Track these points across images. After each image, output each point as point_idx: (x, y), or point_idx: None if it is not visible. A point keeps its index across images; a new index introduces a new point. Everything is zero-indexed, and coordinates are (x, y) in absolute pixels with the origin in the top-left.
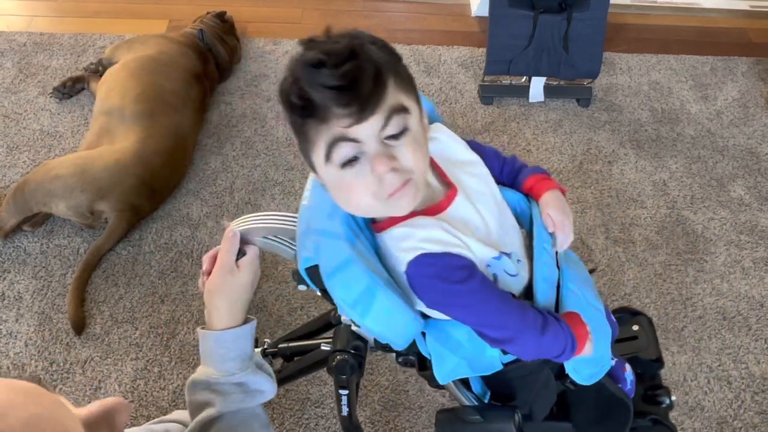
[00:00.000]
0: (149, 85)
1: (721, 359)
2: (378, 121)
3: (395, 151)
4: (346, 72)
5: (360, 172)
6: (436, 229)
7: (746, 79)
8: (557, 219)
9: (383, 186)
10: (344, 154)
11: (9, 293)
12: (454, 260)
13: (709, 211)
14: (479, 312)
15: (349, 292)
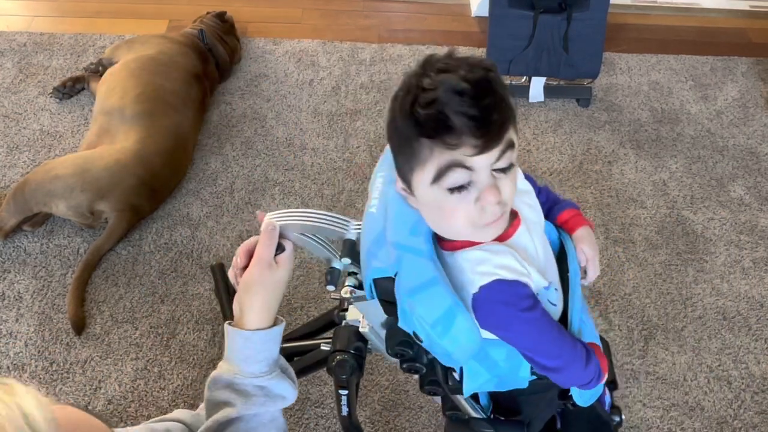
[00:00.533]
0: (149, 85)
1: (721, 359)
2: (495, 153)
3: (500, 183)
4: (487, 105)
5: (464, 199)
6: (509, 257)
7: (746, 79)
8: (590, 255)
9: (484, 215)
10: (457, 179)
11: (9, 293)
12: (522, 289)
13: (709, 211)
14: (537, 339)
15: (432, 311)
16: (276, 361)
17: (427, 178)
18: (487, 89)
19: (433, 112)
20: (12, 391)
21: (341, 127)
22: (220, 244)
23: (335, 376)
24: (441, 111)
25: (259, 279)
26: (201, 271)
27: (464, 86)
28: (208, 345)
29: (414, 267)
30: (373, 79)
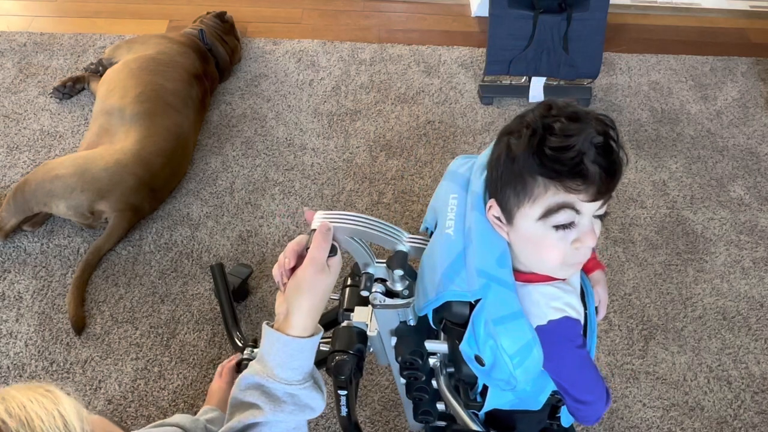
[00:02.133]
0: (149, 85)
1: (721, 359)
2: (601, 202)
3: (596, 227)
4: (614, 160)
5: (565, 237)
6: (575, 298)
7: (746, 79)
8: (603, 297)
9: (576, 255)
10: (565, 219)
11: (9, 293)
12: (579, 327)
13: (709, 211)
14: (580, 374)
15: (515, 342)
16: (311, 371)
17: (535, 214)
18: (612, 146)
19: (571, 156)
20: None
21: (341, 127)
22: (220, 244)
23: (334, 376)
24: (579, 159)
25: (311, 281)
26: (201, 271)
27: (600, 140)
28: (208, 345)
29: (501, 298)
30: (373, 79)
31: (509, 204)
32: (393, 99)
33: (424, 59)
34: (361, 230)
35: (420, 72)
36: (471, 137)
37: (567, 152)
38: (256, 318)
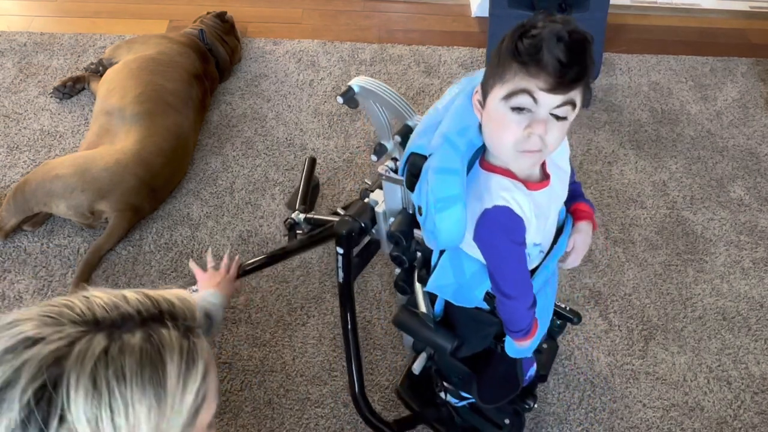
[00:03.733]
0: (149, 85)
1: (721, 359)
2: (559, 100)
3: (550, 125)
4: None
5: (519, 121)
6: (525, 201)
7: (746, 80)
8: (578, 245)
9: (526, 142)
10: (522, 102)
11: (9, 293)
12: (521, 226)
13: (708, 212)
14: (509, 266)
15: (443, 190)
16: None
17: (501, 94)
18: (580, 50)
19: (533, 43)
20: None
21: (341, 127)
22: (220, 244)
23: (337, 233)
24: (539, 45)
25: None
26: None
27: (565, 36)
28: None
29: (447, 156)
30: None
31: (487, 86)
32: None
33: (424, 59)
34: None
35: (420, 72)
36: None
37: (531, 40)
38: (256, 318)
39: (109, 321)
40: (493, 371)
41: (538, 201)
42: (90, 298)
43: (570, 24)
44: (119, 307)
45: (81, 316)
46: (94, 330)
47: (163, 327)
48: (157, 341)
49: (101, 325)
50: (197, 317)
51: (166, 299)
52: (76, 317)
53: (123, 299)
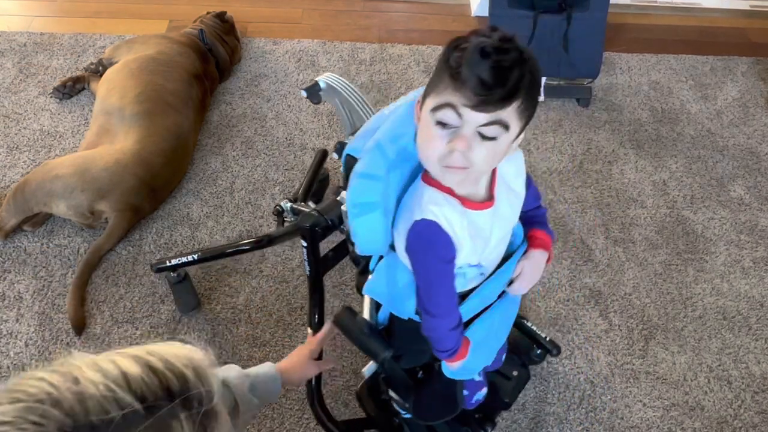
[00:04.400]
0: (149, 85)
1: (721, 359)
2: (484, 119)
3: (475, 144)
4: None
5: (442, 136)
6: (458, 220)
7: (746, 79)
8: (525, 272)
9: (449, 158)
10: (446, 117)
11: (9, 293)
12: (450, 249)
13: (709, 211)
14: (433, 285)
15: (362, 194)
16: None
17: (431, 105)
18: (506, 70)
19: (458, 57)
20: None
21: (341, 127)
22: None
23: (301, 226)
24: (461, 61)
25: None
26: (201, 271)
27: (491, 52)
28: (208, 345)
29: (373, 161)
30: (373, 79)
31: (425, 94)
32: (393, 99)
33: (424, 59)
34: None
35: (420, 72)
36: None
37: (459, 53)
38: (256, 318)
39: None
40: (432, 387)
41: (476, 221)
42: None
43: (505, 41)
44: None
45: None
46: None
47: (174, 418)
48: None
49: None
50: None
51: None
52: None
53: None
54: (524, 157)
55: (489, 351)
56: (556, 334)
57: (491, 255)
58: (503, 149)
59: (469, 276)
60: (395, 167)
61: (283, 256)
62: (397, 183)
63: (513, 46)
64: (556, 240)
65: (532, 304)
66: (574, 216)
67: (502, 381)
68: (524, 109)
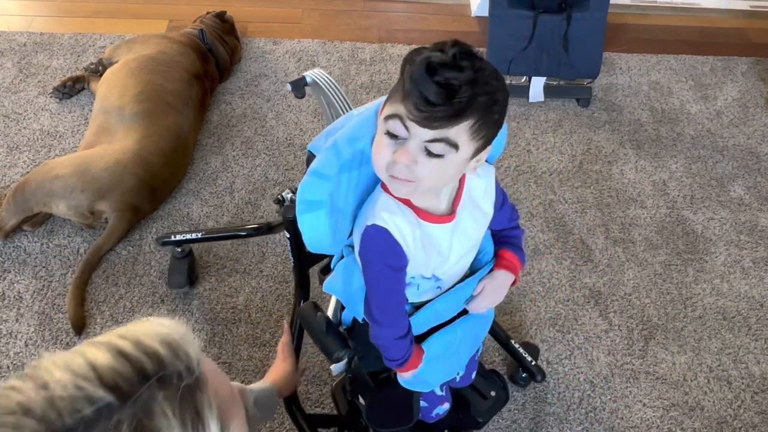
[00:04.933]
0: (149, 85)
1: (721, 359)
2: (429, 135)
3: (421, 159)
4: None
5: (389, 145)
6: (410, 228)
7: (746, 79)
8: (485, 293)
9: (394, 167)
10: (393, 128)
11: (9, 293)
12: (399, 257)
13: (709, 211)
14: (380, 292)
15: (308, 192)
16: None
17: (385, 113)
18: (452, 89)
19: (410, 69)
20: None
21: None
22: (220, 244)
23: (285, 216)
24: (411, 74)
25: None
26: (201, 271)
27: (436, 68)
28: (208, 345)
29: (327, 160)
30: (373, 79)
31: (384, 102)
32: None
33: None
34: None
35: None
36: None
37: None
38: (256, 318)
39: (82, 421)
40: (388, 394)
41: (432, 234)
42: (49, 385)
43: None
44: (89, 396)
45: (44, 422)
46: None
47: (153, 401)
48: (149, 428)
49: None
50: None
51: (148, 353)
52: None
53: (93, 375)
54: (524, 158)
55: (449, 366)
56: (556, 334)
57: (450, 270)
58: (454, 168)
59: (423, 288)
60: (349, 169)
61: (283, 256)
62: (353, 186)
63: (469, 64)
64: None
65: (532, 305)
66: (574, 216)
67: (477, 399)
68: (477, 129)
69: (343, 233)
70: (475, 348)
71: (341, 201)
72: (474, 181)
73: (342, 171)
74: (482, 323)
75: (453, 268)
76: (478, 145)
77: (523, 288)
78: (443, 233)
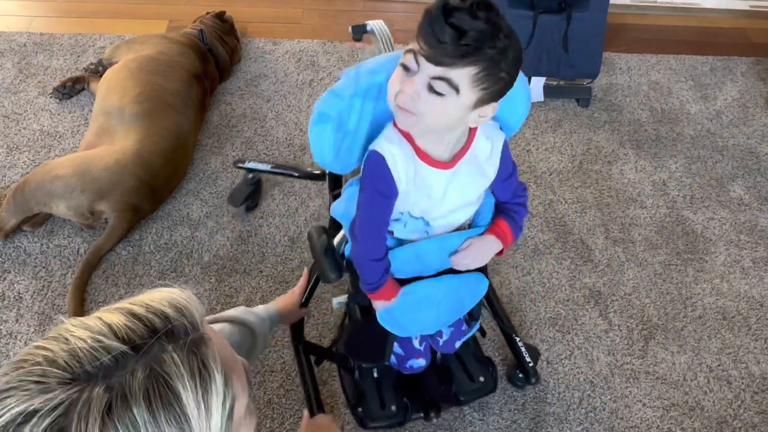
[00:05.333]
0: (149, 85)
1: (721, 359)
2: (435, 72)
3: (424, 95)
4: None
5: (399, 75)
6: (404, 162)
7: (746, 79)
8: (469, 250)
9: (399, 96)
10: (408, 61)
11: (9, 293)
12: (388, 185)
13: (709, 211)
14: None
15: (322, 106)
16: None
17: (406, 48)
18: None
19: (427, 9)
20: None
21: None
22: (220, 244)
23: None
24: (427, 12)
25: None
26: (201, 271)
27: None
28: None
29: (345, 83)
30: None
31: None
32: None
33: None
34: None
35: None
36: None
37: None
38: None
39: (102, 367)
40: (367, 328)
41: (426, 176)
42: (70, 340)
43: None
44: (107, 346)
45: (68, 371)
46: (88, 385)
47: (163, 352)
48: (161, 372)
49: (94, 377)
50: (198, 321)
51: (157, 313)
52: (64, 375)
53: (109, 331)
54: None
55: (426, 319)
56: (556, 334)
57: (441, 220)
58: (455, 112)
59: (410, 227)
60: (363, 97)
61: (283, 257)
62: (367, 114)
63: (484, 15)
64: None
65: (532, 305)
66: (574, 216)
67: (464, 378)
68: (481, 79)
69: (349, 155)
70: (458, 313)
71: (351, 123)
72: (481, 142)
73: (356, 96)
74: (468, 289)
75: (444, 219)
76: (480, 96)
77: (523, 288)
78: (438, 178)
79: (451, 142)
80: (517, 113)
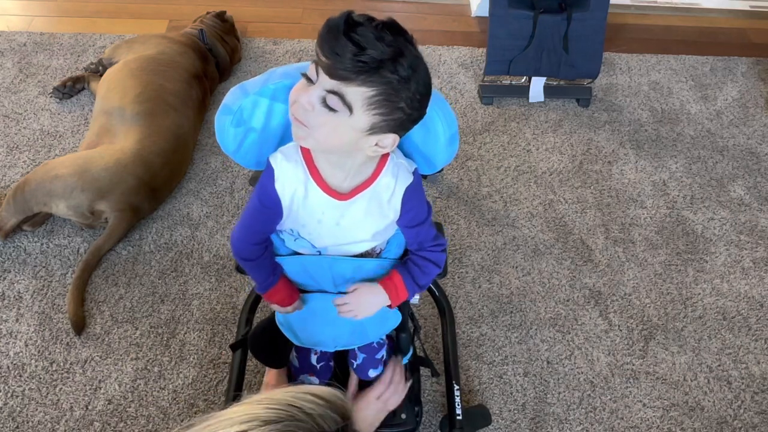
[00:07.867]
0: (149, 85)
1: (721, 359)
2: (329, 85)
3: (318, 108)
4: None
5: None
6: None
7: (746, 79)
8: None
9: (293, 107)
10: (310, 71)
11: (9, 293)
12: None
13: (709, 211)
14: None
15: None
16: None
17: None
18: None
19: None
20: None
21: None
22: (220, 244)
23: None
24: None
25: None
26: (201, 271)
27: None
28: (208, 345)
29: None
30: None
31: None
32: None
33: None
34: None
35: None
36: (471, 137)
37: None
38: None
39: None
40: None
41: (318, 202)
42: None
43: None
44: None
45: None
46: None
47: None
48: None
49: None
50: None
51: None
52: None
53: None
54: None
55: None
56: (556, 334)
57: (334, 248)
58: (346, 133)
59: (300, 243)
60: (270, 96)
61: None
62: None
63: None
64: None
65: (532, 305)
66: (574, 216)
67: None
68: (376, 104)
69: (252, 150)
70: (360, 340)
71: (256, 121)
72: (386, 179)
73: (262, 95)
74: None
75: (336, 248)
76: (375, 122)
77: (523, 288)
78: (330, 207)
79: (351, 171)
80: (438, 150)
